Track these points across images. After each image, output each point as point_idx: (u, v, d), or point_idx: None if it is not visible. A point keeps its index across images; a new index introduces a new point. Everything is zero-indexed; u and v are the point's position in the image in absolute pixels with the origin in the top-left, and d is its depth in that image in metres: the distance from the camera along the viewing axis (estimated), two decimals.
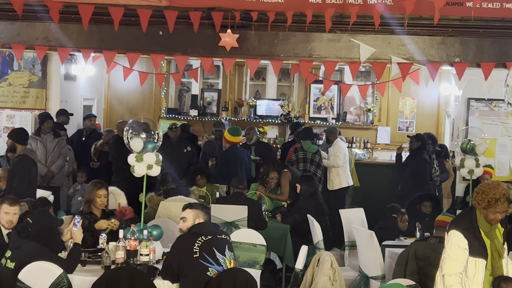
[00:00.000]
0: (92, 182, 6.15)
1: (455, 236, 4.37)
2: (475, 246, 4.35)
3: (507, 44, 7.21)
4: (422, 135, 9.69)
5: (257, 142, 9.80)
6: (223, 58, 7.48)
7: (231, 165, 8.95)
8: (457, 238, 4.36)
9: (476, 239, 4.37)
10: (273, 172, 8.18)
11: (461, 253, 4.34)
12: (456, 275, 4.36)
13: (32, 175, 7.39)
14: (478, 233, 4.39)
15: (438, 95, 12.04)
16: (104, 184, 6.11)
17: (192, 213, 5.05)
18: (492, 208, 4.33)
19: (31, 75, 10.64)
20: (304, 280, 6.02)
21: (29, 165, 7.31)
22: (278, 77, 12.65)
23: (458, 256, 4.35)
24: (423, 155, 9.35)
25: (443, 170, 9.48)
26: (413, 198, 7.92)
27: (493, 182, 4.53)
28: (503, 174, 10.34)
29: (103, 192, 6.01)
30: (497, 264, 4.44)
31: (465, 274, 4.38)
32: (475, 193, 4.45)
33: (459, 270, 4.36)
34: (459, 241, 4.34)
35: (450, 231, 4.42)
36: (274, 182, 8.16)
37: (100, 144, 9.80)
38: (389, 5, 6.96)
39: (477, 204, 4.39)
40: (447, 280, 4.38)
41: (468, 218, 4.46)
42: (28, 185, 7.20)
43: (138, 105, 12.61)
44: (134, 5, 7.13)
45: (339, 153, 9.72)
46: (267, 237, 6.59)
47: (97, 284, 4.65)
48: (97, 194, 5.98)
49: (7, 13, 7.39)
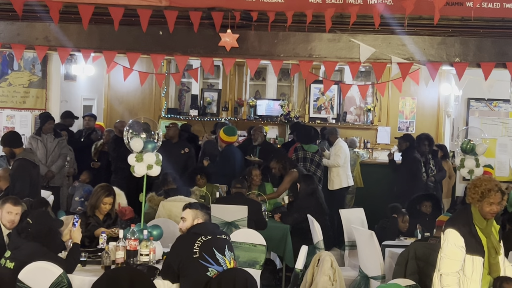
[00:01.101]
0: (101, 187, 6.10)
1: (452, 235, 4.38)
2: (471, 244, 4.37)
3: (507, 44, 7.21)
4: (409, 135, 9.75)
5: (262, 142, 9.79)
6: (223, 58, 7.48)
7: (229, 164, 8.96)
8: (453, 236, 4.37)
9: (473, 236, 4.39)
10: (255, 170, 8.35)
11: (458, 251, 4.35)
12: (454, 274, 4.37)
13: (33, 177, 7.37)
14: (474, 230, 4.40)
15: (438, 95, 12.05)
16: (112, 192, 6.09)
17: (191, 213, 5.06)
18: (487, 199, 4.36)
19: (31, 75, 10.63)
20: (304, 280, 6.02)
21: (28, 168, 7.30)
22: (278, 77, 12.66)
23: (455, 255, 4.36)
24: (414, 154, 9.37)
25: (439, 169, 9.46)
26: (413, 198, 7.92)
27: (484, 176, 4.63)
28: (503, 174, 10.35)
29: (109, 200, 6.00)
30: (494, 260, 4.44)
31: (463, 272, 4.39)
32: (467, 188, 4.49)
33: (456, 269, 4.37)
34: (455, 240, 4.36)
35: (446, 230, 4.43)
36: (258, 179, 8.27)
37: (100, 144, 9.80)
38: (389, 5, 6.95)
39: (471, 198, 4.42)
40: (444, 279, 4.39)
41: (464, 216, 4.49)
42: (31, 187, 7.20)
43: (138, 105, 12.62)
44: (134, 5, 7.12)
45: (340, 153, 9.72)
46: (267, 237, 6.59)
47: (97, 284, 4.65)
48: (103, 201, 5.98)
49: (7, 13, 7.38)
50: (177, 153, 9.21)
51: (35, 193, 7.17)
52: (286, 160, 8.58)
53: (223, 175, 8.72)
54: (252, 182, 8.23)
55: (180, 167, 9.00)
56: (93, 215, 5.97)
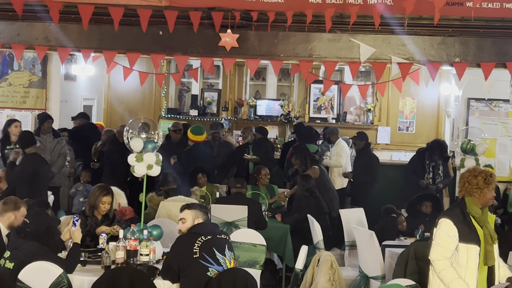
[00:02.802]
0: (98, 187, 6.10)
1: (445, 224, 4.46)
2: (465, 232, 4.43)
3: (507, 44, 7.21)
4: (363, 133, 9.72)
5: (253, 141, 9.80)
6: (223, 58, 7.48)
7: (196, 162, 8.86)
8: (446, 226, 4.45)
9: (467, 225, 4.45)
10: (264, 169, 8.33)
11: (450, 240, 4.43)
12: (445, 259, 4.44)
13: (41, 173, 7.54)
14: (468, 219, 4.47)
15: (438, 95, 12.05)
16: (110, 191, 6.08)
17: (191, 214, 5.05)
18: (491, 185, 4.50)
19: (31, 75, 10.64)
20: (304, 280, 6.02)
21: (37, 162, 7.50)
22: (278, 77, 12.67)
23: (446, 243, 4.44)
24: (371, 152, 9.51)
25: (446, 175, 9.31)
26: (413, 198, 7.91)
27: (473, 167, 4.78)
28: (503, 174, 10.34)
29: (107, 199, 5.99)
30: (491, 248, 4.50)
31: (457, 262, 4.44)
32: (464, 182, 4.55)
33: (447, 256, 4.44)
34: (448, 229, 4.43)
35: (441, 219, 4.51)
36: (266, 178, 8.27)
37: (100, 145, 9.80)
38: (389, 5, 6.96)
39: (473, 190, 4.49)
40: (437, 265, 4.45)
41: (458, 207, 4.57)
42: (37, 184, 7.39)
43: (138, 105, 12.62)
44: (134, 5, 7.12)
45: (342, 153, 9.71)
46: (267, 237, 6.59)
47: (97, 284, 4.65)
48: (101, 201, 5.97)
49: (7, 13, 7.38)
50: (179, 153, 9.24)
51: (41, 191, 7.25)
52: (306, 156, 8.63)
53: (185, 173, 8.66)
54: (260, 181, 8.23)
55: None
56: (92, 215, 5.97)
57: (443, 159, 9.28)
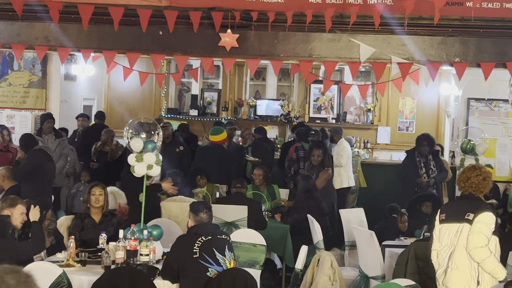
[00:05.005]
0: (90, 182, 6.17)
1: (489, 217, 4.67)
2: (496, 225, 4.72)
3: (507, 44, 7.20)
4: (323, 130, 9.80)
5: (253, 143, 9.79)
6: (223, 58, 7.48)
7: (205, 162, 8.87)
8: (490, 218, 4.67)
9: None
10: (257, 169, 8.41)
11: (490, 232, 4.66)
12: (485, 247, 4.61)
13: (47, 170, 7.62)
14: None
15: (438, 95, 12.04)
16: (100, 184, 6.12)
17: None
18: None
19: (31, 75, 10.64)
20: (304, 280, 6.02)
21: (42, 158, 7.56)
22: (278, 77, 12.67)
23: (488, 234, 4.64)
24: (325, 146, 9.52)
25: (440, 169, 9.31)
26: (414, 198, 7.92)
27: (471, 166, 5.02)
28: (503, 174, 10.36)
29: (97, 190, 6.00)
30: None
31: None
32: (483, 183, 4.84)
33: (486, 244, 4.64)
34: (492, 221, 4.67)
35: (484, 213, 4.67)
36: (258, 179, 8.30)
37: (99, 145, 9.80)
38: (389, 5, 6.95)
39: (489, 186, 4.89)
40: (483, 252, 4.58)
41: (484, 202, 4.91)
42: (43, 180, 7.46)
43: (138, 105, 12.61)
44: (134, 5, 7.12)
45: (343, 153, 9.71)
46: (267, 237, 6.59)
47: (97, 284, 4.65)
48: (91, 192, 5.99)
49: (7, 13, 7.38)
50: (172, 152, 9.18)
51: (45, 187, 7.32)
52: (329, 156, 8.80)
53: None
54: (253, 182, 8.27)
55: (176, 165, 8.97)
56: (89, 217, 5.97)
57: (432, 153, 9.23)
